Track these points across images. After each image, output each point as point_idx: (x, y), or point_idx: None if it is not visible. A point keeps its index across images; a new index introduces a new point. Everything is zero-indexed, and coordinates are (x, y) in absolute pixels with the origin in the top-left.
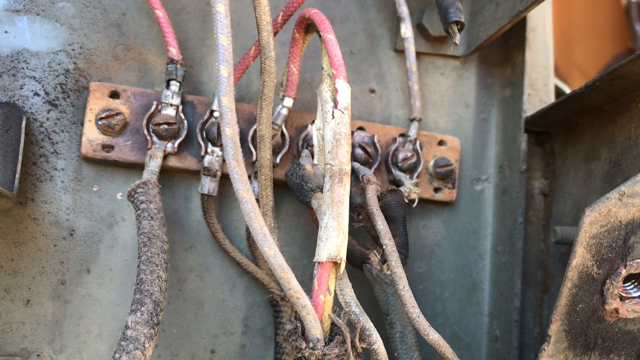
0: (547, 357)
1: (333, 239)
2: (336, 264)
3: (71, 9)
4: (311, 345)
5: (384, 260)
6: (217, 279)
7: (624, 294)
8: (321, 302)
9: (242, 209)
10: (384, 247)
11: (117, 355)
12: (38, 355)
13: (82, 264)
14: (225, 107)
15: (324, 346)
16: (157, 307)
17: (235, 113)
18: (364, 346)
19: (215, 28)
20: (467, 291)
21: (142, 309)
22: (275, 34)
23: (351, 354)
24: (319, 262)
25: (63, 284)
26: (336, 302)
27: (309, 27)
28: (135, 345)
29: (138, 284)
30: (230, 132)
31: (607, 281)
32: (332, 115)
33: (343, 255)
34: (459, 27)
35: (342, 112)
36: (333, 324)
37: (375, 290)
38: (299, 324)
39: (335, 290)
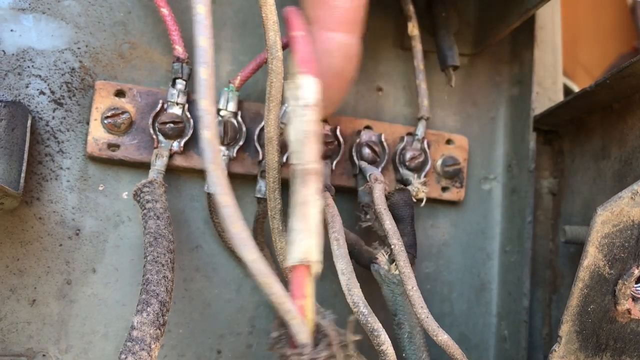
0: (558, 358)
1: (299, 242)
2: (309, 266)
3: (77, 7)
4: (298, 350)
5: (391, 260)
6: (223, 278)
7: (636, 295)
8: (300, 305)
9: (221, 213)
10: (392, 246)
11: (123, 356)
12: (44, 355)
13: (88, 264)
14: (204, 110)
15: (312, 350)
16: (163, 307)
17: (215, 116)
18: (357, 339)
19: (194, 29)
20: (475, 291)
21: (148, 310)
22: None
23: (338, 356)
24: (290, 267)
25: (69, 283)
26: (344, 304)
27: None
28: (141, 346)
29: (144, 284)
30: (209, 135)
31: (619, 281)
32: (297, 113)
33: (313, 256)
34: (453, 70)
35: (308, 109)
36: (317, 326)
37: (383, 290)
38: (284, 331)
39: (343, 290)
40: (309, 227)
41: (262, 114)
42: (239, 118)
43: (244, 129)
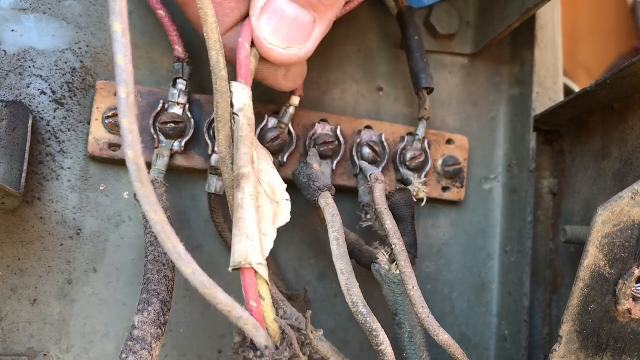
0: (559, 358)
1: (235, 246)
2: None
3: (78, 7)
4: (259, 353)
5: (392, 260)
6: (224, 278)
7: (637, 295)
8: (254, 309)
9: (154, 231)
10: (393, 246)
11: (124, 356)
12: (45, 355)
13: (89, 264)
14: (125, 129)
15: (274, 352)
16: (164, 307)
17: (137, 135)
18: (319, 334)
19: (113, 47)
20: (476, 291)
21: (149, 309)
22: None
23: (300, 354)
24: (234, 271)
25: (70, 283)
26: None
27: None
28: (142, 346)
29: (145, 283)
30: (132, 154)
31: (620, 281)
32: (235, 120)
33: (254, 259)
34: (428, 92)
35: (237, 115)
36: (280, 327)
37: (384, 290)
38: (246, 335)
39: (344, 290)
40: (244, 231)
41: (262, 114)
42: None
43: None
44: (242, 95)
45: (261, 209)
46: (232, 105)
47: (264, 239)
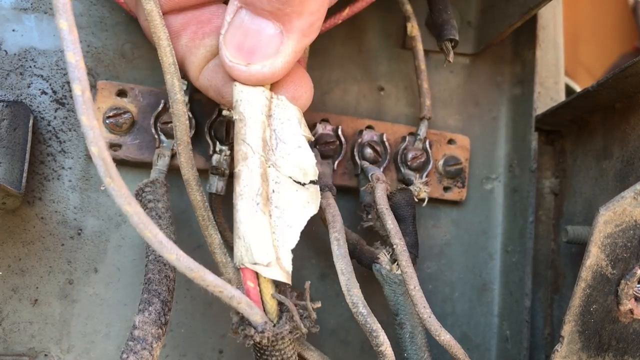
0: (560, 359)
1: (234, 248)
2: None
3: (78, 7)
4: (260, 329)
5: (393, 260)
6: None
7: (639, 295)
8: (251, 288)
9: (131, 222)
10: (394, 246)
11: (124, 356)
12: (46, 355)
13: (90, 264)
14: (86, 126)
15: (274, 326)
16: (165, 306)
17: (98, 130)
18: (317, 307)
19: (62, 45)
20: (477, 291)
21: (150, 309)
22: None
23: (301, 325)
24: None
25: (71, 283)
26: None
27: None
28: (142, 346)
29: (146, 283)
30: (96, 149)
31: (622, 281)
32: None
33: (247, 259)
34: (452, 44)
35: (230, 112)
36: (280, 303)
37: (385, 290)
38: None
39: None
40: (236, 232)
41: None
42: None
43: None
44: (235, 93)
45: (284, 199)
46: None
47: (289, 231)
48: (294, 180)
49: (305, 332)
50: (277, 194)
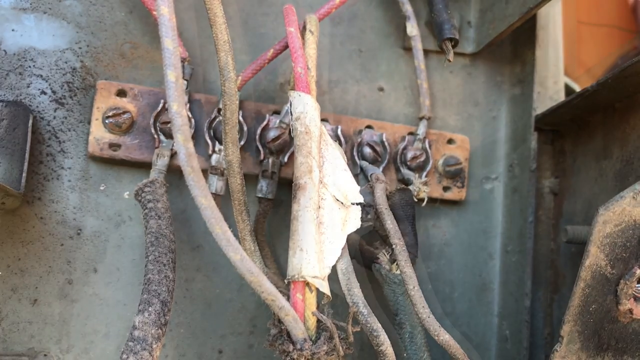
0: (560, 358)
1: (290, 258)
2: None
3: (78, 7)
4: (298, 346)
5: (393, 259)
6: (224, 278)
7: (638, 295)
8: (299, 300)
9: (203, 215)
10: (394, 246)
11: (124, 356)
12: (45, 355)
13: (89, 264)
14: (175, 113)
15: (312, 345)
16: (164, 307)
17: (187, 118)
18: (356, 330)
19: (160, 31)
20: (477, 291)
21: (150, 309)
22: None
23: (340, 348)
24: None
25: (70, 283)
26: (343, 303)
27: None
28: (142, 346)
29: (146, 283)
30: (182, 138)
31: (621, 281)
32: (293, 127)
33: (307, 272)
34: (452, 43)
35: (294, 123)
36: (319, 321)
37: (385, 290)
38: (283, 327)
39: (343, 290)
40: (298, 244)
41: (263, 113)
42: (240, 118)
43: (245, 128)
44: (298, 103)
45: (327, 216)
46: (290, 114)
47: (330, 247)
48: (336, 199)
49: (342, 355)
50: (322, 210)
